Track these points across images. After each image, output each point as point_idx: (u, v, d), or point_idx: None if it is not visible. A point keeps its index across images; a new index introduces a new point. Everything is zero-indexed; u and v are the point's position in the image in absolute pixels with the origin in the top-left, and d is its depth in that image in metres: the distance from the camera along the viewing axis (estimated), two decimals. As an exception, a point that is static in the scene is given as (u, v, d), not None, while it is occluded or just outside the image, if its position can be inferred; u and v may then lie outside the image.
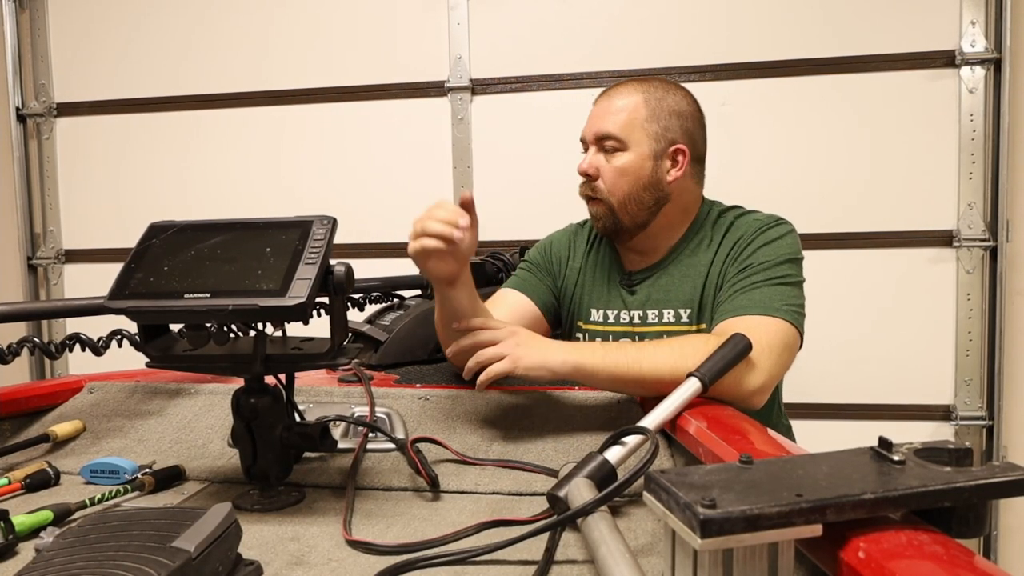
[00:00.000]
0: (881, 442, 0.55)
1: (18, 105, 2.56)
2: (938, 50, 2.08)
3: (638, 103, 1.23)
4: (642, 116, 1.22)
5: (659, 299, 1.26)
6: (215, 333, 0.79)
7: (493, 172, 2.34)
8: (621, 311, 1.29)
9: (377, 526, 0.77)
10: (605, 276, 1.33)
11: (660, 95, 1.24)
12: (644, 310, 1.27)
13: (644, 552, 0.69)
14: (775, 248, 1.18)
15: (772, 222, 1.22)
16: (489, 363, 0.98)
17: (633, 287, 1.29)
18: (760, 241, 1.19)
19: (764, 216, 1.26)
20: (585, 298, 1.34)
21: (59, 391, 1.16)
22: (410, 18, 2.35)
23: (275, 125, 2.44)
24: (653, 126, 1.22)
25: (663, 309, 1.26)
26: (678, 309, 1.25)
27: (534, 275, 1.37)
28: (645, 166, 1.22)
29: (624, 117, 1.22)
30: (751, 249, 1.19)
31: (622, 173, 1.22)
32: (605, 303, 1.32)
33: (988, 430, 2.11)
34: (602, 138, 1.23)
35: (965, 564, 0.45)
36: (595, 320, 1.32)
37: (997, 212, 2.05)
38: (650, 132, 1.22)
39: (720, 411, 0.91)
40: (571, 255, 1.38)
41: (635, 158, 1.22)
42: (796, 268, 1.17)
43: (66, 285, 2.60)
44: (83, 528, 0.60)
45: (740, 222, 1.25)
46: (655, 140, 1.22)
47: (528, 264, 1.40)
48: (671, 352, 1.00)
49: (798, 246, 1.21)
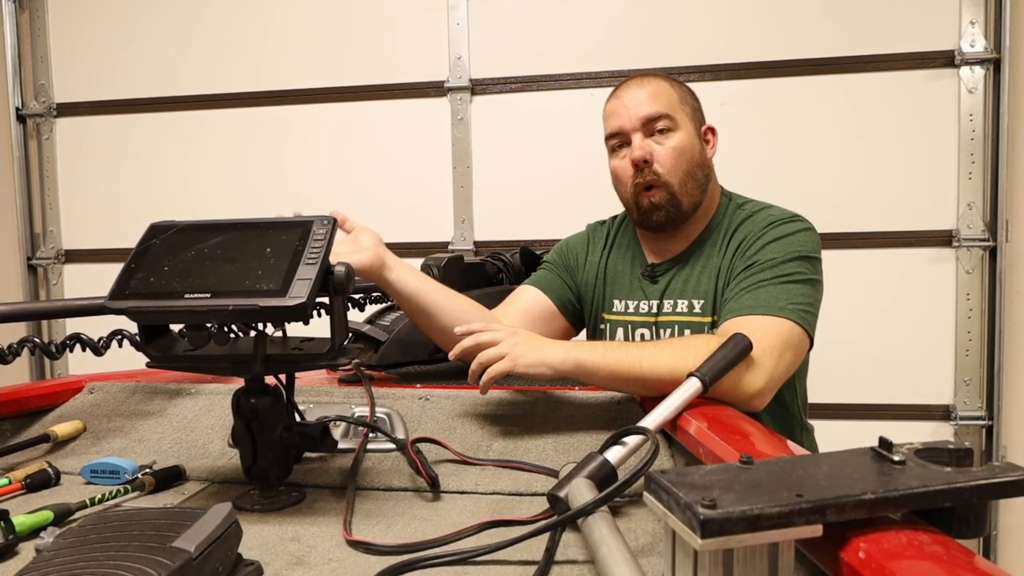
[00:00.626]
0: (881, 442, 0.55)
1: (18, 105, 2.56)
2: (938, 50, 2.09)
3: (669, 87, 1.25)
4: (677, 97, 1.25)
5: (677, 289, 1.26)
6: (215, 333, 0.79)
7: (493, 172, 2.34)
8: (641, 301, 1.29)
9: (377, 526, 0.77)
10: (628, 268, 1.33)
11: (677, 82, 1.28)
12: (662, 299, 1.26)
13: (644, 552, 0.69)
14: (784, 245, 1.15)
15: (786, 218, 1.20)
16: (490, 363, 0.98)
17: (656, 277, 1.29)
18: (769, 237, 1.17)
19: (779, 212, 1.23)
20: (608, 290, 1.34)
21: (59, 391, 1.17)
22: (410, 18, 2.35)
23: (275, 125, 2.44)
24: (686, 107, 1.26)
25: (678, 299, 1.25)
26: (692, 300, 1.23)
27: (552, 272, 1.37)
28: (695, 143, 1.24)
29: (665, 98, 1.23)
30: (759, 245, 1.17)
31: (680, 152, 1.22)
32: (627, 294, 1.31)
33: (988, 430, 2.11)
34: (652, 120, 1.22)
35: (965, 564, 0.45)
36: (618, 310, 1.32)
37: (996, 212, 2.05)
38: (686, 112, 1.25)
39: (720, 411, 0.91)
40: (590, 250, 1.38)
41: (686, 136, 1.23)
42: (807, 266, 1.14)
43: (66, 285, 2.60)
44: (83, 528, 0.60)
45: (755, 216, 1.23)
46: (691, 120, 1.25)
47: (547, 264, 1.40)
48: (672, 352, 1.00)
49: (812, 244, 1.18)
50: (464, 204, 2.34)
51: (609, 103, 1.28)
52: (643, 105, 1.22)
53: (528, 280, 1.38)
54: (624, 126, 1.24)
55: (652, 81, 1.26)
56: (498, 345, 0.99)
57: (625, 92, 1.26)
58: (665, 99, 1.23)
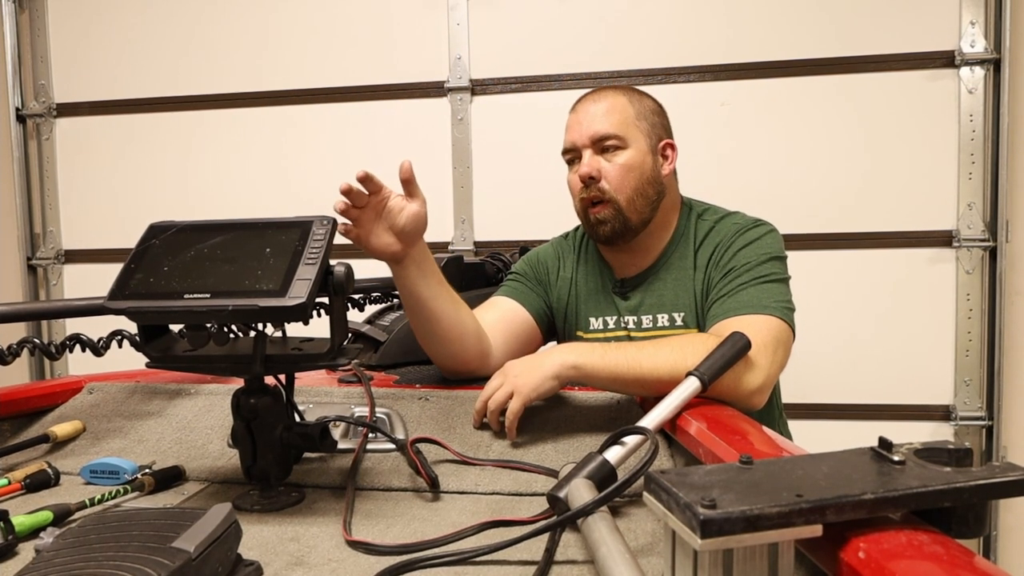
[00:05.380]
0: (881, 442, 0.55)
1: (18, 105, 2.56)
2: (938, 50, 2.09)
3: (624, 103, 1.26)
4: (632, 114, 1.25)
5: (652, 304, 1.26)
6: (215, 333, 0.79)
7: (493, 172, 2.34)
8: (617, 317, 1.30)
9: (377, 526, 0.77)
10: (597, 285, 1.33)
11: (638, 96, 1.28)
12: (638, 315, 1.27)
13: (644, 552, 0.69)
14: (756, 248, 1.18)
15: (750, 224, 1.23)
16: (500, 406, 0.99)
17: (626, 293, 1.29)
18: (739, 243, 1.20)
19: (741, 218, 1.26)
20: (581, 308, 1.34)
21: (59, 391, 1.16)
22: (410, 18, 2.35)
23: (275, 125, 2.44)
24: (642, 123, 1.26)
25: (657, 314, 1.26)
26: (672, 313, 1.25)
27: (524, 284, 1.36)
28: (646, 161, 1.24)
29: (617, 116, 1.24)
30: (731, 252, 1.19)
31: (628, 169, 1.22)
32: (601, 310, 1.32)
33: (988, 430, 2.11)
34: (600, 139, 1.23)
35: (965, 564, 0.45)
36: (595, 328, 1.32)
37: (997, 212, 2.05)
38: (642, 128, 1.25)
39: (720, 411, 0.91)
40: (561, 265, 1.37)
41: (636, 153, 1.23)
42: (780, 266, 1.18)
43: (66, 285, 2.59)
44: (83, 528, 0.60)
45: (720, 226, 1.25)
46: (647, 136, 1.26)
47: (517, 275, 1.38)
48: (670, 351, 1.00)
49: (779, 244, 1.21)
50: (464, 204, 2.34)
51: (568, 117, 1.30)
52: (595, 123, 1.24)
53: (500, 292, 1.36)
54: (576, 142, 1.26)
55: (609, 97, 1.26)
56: (501, 390, 1.00)
57: (582, 107, 1.28)
58: (618, 117, 1.24)
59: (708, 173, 2.15)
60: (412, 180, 1.02)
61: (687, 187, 1.35)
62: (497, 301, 1.33)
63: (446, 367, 1.18)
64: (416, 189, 1.02)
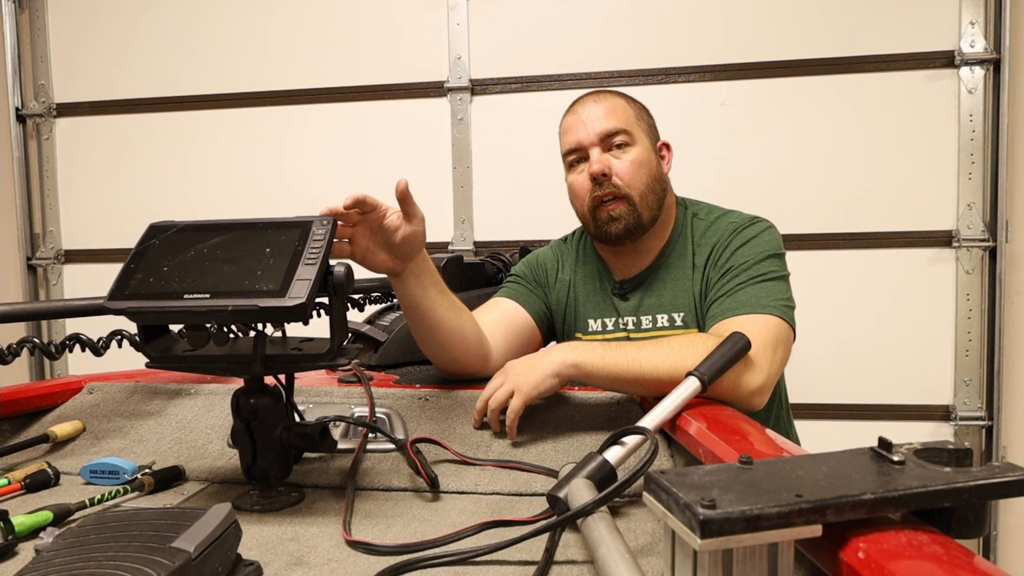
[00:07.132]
0: (881, 442, 0.55)
1: (18, 105, 2.56)
2: (937, 50, 2.09)
3: (624, 103, 1.27)
4: (633, 113, 1.27)
5: (652, 304, 1.26)
6: (215, 334, 0.79)
7: (493, 172, 2.34)
8: (616, 319, 1.30)
9: (377, 526, 0.77)
10: (596, 287, 1.33)
11: (632, 100, 1.30)
12: (637, 316, 1.27)
13: (644, 552, 0.69)
14: (753, 247, 1.18)
15: (747, 222, 1.23)
16: (501, 405, 0.99)
17: (625, 295, 1.29)
18: (737, 242, 1.19)
19: (738, 216, 1.26)
20: (580, 310, 1.34)
21: (59, 391, 1.16)
22: (410, 18, 2.35)
23: (275, 125, 2.44)
24: (642, 123, 1.27)
25: (656, 314, 1.26)
26: (672, 314, 1.25)
27: (524, 286, 1.36)
28: (652, 158, 1.26)
29: (622, 114, 1.25)
30: (729, 251, 1.19)
31: (639, 165, 1.23)
32: (600, 312, 1.32)
33: (987, 430, 2.11)
34: (610, 135, 1.23)
35: (965, 564, 0.45)
36: (594, 330, 1.32)
37: (996, 212, 2.05)
38: (643, 127, 1.27)
39: (720, 411, 0.91)
40: (560, 267, 1.37)
41: (643, 150, 1.25)
42: (778, 263, 1.17)
43: (66, 285, 2.60)
44: (83, 528, 0.60)
45: (717, 225, 1.25)
46: (647, 135, 1.27)
47: (516, 277, 1.38)
48: (670, 351, 1.00)
49: (777, 241, 1.20)
50: (464, 204, 2.34)
51: (566, 119, 1.29)
52: (601, 120, 1.23)
53: (500, 293, 1.36)
54: (582, 141, 1.24)
55: (608, 97, 1.27)
56: (501, 388, 1.00)
57: (582, 108, 1.27)
58: (622, 114, 1.25)
59: (708, 173, 2.16)
60: (409, 199, 0.97)
61: (687, 187, 1.35)
62: (497, 302, 1.33)
63: (447, 370, 1.19)
64: (413, 208, 0.98)
